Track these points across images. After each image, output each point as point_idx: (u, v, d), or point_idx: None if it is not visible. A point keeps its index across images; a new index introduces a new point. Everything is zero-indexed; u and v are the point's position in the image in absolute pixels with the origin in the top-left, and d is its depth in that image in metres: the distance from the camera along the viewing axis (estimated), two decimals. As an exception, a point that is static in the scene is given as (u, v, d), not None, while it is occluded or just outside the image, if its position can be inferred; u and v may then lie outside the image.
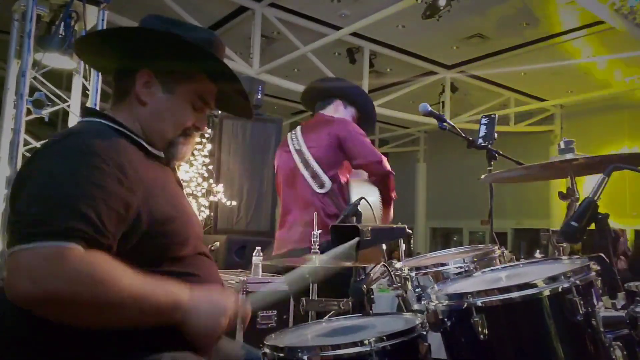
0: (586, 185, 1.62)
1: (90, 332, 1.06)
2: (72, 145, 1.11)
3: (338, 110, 2.68)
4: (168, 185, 1.28)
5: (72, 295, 0.96)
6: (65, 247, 0.97)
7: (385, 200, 2.49)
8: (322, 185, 2.45)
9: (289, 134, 2.72)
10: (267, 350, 1.17)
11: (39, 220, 0.99)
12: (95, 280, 0.98)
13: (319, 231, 1.65)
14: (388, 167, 2.48)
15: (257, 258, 3.36)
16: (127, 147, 1.19)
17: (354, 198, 2.31)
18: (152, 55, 1.26)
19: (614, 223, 1.30)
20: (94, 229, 1.01)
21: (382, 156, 2.51)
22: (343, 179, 2.51)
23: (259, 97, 6.01)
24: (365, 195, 2.28)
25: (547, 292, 1.08)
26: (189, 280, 1.19)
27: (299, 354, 1.13)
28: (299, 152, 2.56)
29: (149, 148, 1.27)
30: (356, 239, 1.55)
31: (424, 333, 1.17)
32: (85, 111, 1.35)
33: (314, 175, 2.48)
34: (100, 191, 1.04)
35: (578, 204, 1.36)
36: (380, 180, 2.49)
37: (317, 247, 1.64)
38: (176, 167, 1.42)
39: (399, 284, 1.55)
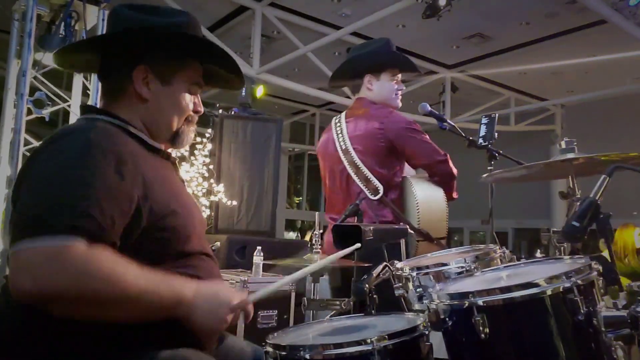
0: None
1: (89, 330, 1.06)
2: (71, 143, 1.11)
3: (372, 89, 2.44)
4: (169, 179, 1.28)
5: (75, 292, 0.96)
6: (67, 245, 0.96)
7: (451, 199, 2.33)
8: (375, 192, 2.27)
9: (334, 122, 2.51)
10: (269, 349, 1.18)
11: (40, 218, 0.98)
12: (98, 277, 0.98)
13: None
14: (452, 166, 2.31)
15: (258, 258, 3.36)
16: (127, 141, 1.19)
17: (418, 196, 2.23)
18: (145, 52, 1.26)
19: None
20: (97, 225, 1.00)
21: (446, 154, 2.32)
22: (397, 180, 2.33)
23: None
24: (429, 193, 2.26)
25: (548, 292, 1.08)
26: (193, 269, 1.19)
27: (301, 352, 1.13)
28: (346, 152, 2.37)
29: (150, 141, 1.27)
30: (354, 247, 1.51)
31: (426, 333, 1.17)
32: (84, 109, 1.34)
33: (366, 181, 2.29)
34: (101, 186, 1.03)
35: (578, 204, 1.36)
36: (443, 180, 2.30)
37: (319, 247, 1.64)
38: (177, 163, 1.41)
39: (400, 284, 1.55)
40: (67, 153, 1.08)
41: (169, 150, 1.37)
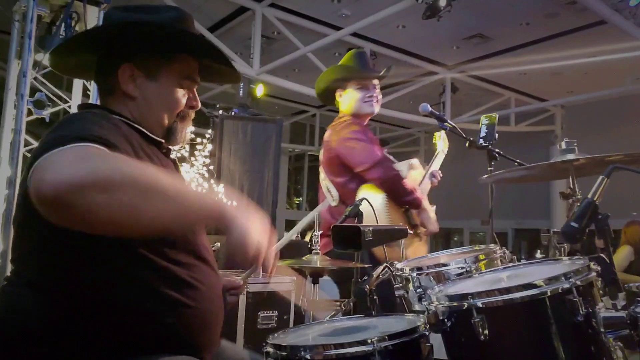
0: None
1: (88, 334, 1.06)
2: (82, 116, 1.13)
3: (342, 102, 2.59)
4: (169, 172, 1.28)
5: (106, 174, 0.84)
6: (92, 145, 0.92)
7: (406, 204, 2.39)
8: (333, 198, 2.49)
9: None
10: (269, 349, 1.18)
11: (60, 137, 0.93)
12: (129, 164, 0.89)
13: None
14: (382, 171, 2.35)
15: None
16: (130, 131, 1.19)
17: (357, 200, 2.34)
18: (128, 48, 1.25)
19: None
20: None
21: (377, 159, 2.37)
22: (352, 186, 2.44)
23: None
24: (369, 196, 2.21)
25: (547, 293, 1.08)
26: (191, 269, 1.18)
27: (302, 353, 1.13)
28: (320, 164, 2.64)
29: (149, 134, 1.27)
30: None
31: (427, 333, 1.18)
32: (82, 106, 1.34)
33: (327, 189, 2.53)
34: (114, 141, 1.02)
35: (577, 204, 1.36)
36: (379, 186, 2.38)
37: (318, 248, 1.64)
38: (177, 162, 1.42)
39: (400, 285, 1.55)
40: (78, 118, 1.09)
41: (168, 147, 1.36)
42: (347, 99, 2.56)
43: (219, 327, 1.28)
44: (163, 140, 1.31)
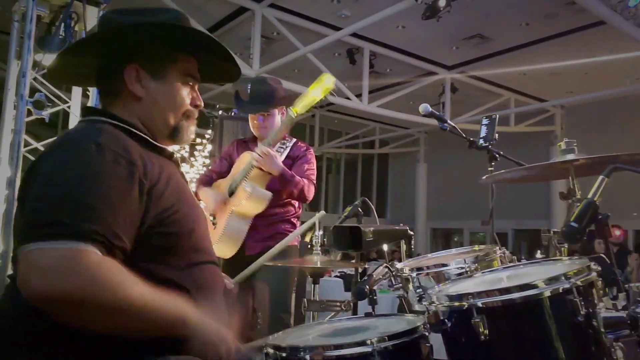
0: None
1: (92, 335, 1.06)
2: (82, 147, 1.11)
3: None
4: (173, 178, 1.27)
5: (85, 297, 0.95)
6: (82, 250, 0.97)
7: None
8: None
9: None
10: (269, 350, 1.18)
11: (57, 221, 0.98)
12: (107, 285, 0.98)
13: None
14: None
15: (257, 258, 3.36)
16: (133, 143, 1.18)
17: None
18: (133, 50, 1.26)
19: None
20: (111, 231, 1.01)
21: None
22: None
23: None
24: None
25: (547, 293, 1.08)
26: (195, 285, 1.19)
27: (301, 354, 1.13)
28: None
29: (152, 141, 1.27)
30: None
31: (426, 334, 1.17)
32: (85, 111, 1.34)
33: None
34: (114, 192, 1.04)
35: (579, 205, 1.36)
36: None
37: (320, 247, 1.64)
38: (179, 161, 1.42)
39: (400, 285, 1.55)
40: (79, 157, 1.08)
41: (171, 149, 1.37)
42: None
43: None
44: (164, 147, 1.31)
